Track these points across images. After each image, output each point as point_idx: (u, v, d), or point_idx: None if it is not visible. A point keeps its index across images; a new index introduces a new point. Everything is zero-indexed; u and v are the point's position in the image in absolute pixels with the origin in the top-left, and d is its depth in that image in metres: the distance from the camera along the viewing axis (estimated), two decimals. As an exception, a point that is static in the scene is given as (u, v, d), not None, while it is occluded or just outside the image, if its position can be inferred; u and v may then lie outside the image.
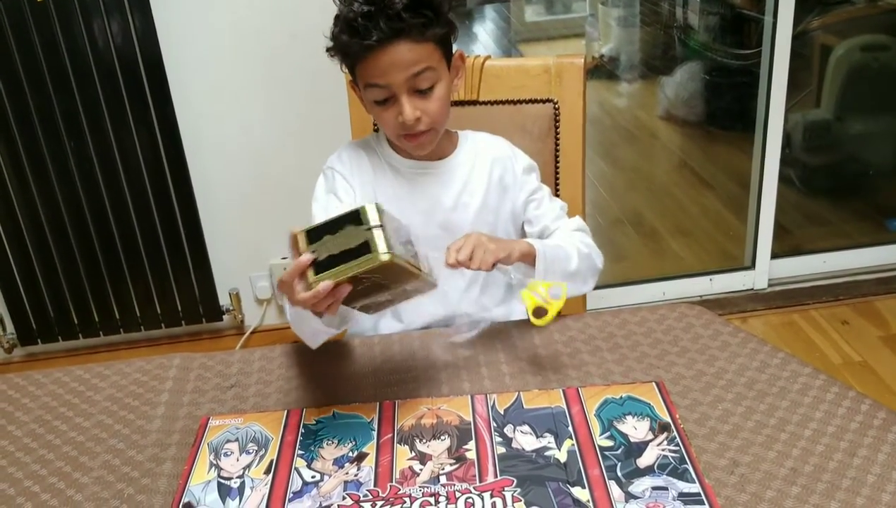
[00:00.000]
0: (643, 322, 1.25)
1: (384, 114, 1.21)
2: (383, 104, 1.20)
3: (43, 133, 2.19)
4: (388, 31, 1.12)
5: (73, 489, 1.00)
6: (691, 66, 3.48)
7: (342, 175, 1.32)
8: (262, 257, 2.49)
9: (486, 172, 1.34)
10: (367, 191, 1.31)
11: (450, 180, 1.32)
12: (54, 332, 2.43)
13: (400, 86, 1.17)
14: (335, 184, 1.32)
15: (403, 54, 1.14)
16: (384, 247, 0.91)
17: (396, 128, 1.22)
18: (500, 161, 1.35)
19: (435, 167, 1.32)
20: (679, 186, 3.30)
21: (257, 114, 2.31)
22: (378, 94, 1.19)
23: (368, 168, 1.32)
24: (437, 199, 1.32)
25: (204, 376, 1.21)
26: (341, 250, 0.92)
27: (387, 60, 1.14)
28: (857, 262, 2.73)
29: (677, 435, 1.00)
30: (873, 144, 3.09)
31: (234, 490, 0.97)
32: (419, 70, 1.16)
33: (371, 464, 0.99)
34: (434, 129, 1.23)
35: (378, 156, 1.33)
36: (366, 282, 0.95)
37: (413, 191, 1.32)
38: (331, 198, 1.31)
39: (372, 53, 1.14)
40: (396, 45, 1.13)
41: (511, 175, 1.35)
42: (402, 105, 1.18)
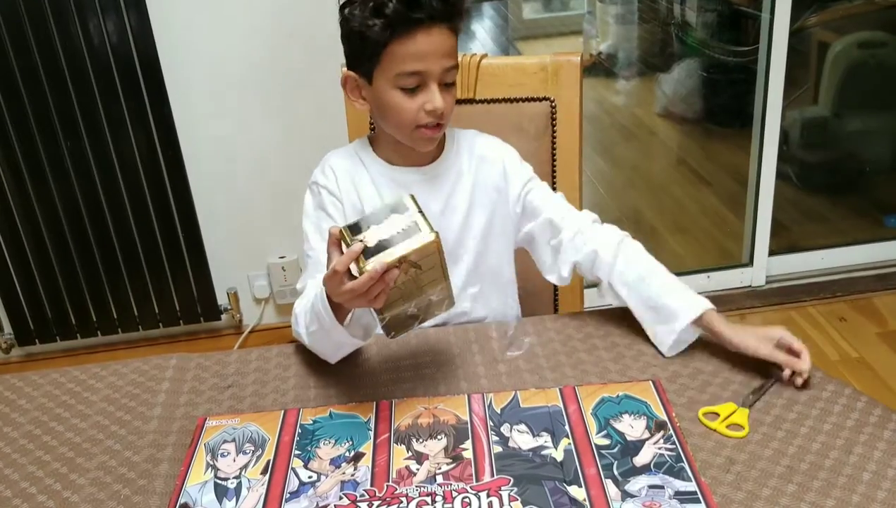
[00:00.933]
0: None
1: (407, 103, 1.18)
2: (410, 92, 1.17)
3: (39, 133, 2.19)
4: (440, 11, 1.13)
5: (70, 490, 1.00)
6: (689, 64, 3.48)
7: (327, 189, 1.29)
8: (260, 256, 2.49)
9: (473, 173, 1.32)
10: (353, 200, 1.29)
11: (438, 184, 1.30)
12: (52, 332, 2.43)
13: (434, 75, 1.16)
14: (322, 199, 1.29)
15: (445, 40, 1.16)
16: (430, 228, 0.97)
17: (417, 119, 1.19)
18: (489, 161, 1.33)
19: (422, 172, 1.30)
20: (677, 184, 3.30)
21: (254, 113, 2.31)
22: (410, 81, 1.16)
23: (354, 178, 1.30)
24: (424, 205, 1.29)
25: (201, 376, 1.20)
26: (389, 235, 0.97)
27: (429, 43, 1.14)
28: (854, 259, 2.74)
29: (673, 434, 1.00)
30: (871, 141, 3.09)
31: (230, 491, 0.97)
32: (452, 65, 1.18)
33: (368, 464, 0.99)
34: (445, 125, 1.23)
35: (363, 164, 1.31)
36: (407, 276, 0.98)
37: None
38: (321, 215, 1.29)
39: (417, 31, 1.13)
40: (439, 28, 1.14)
41: (500, 173, 1.32)
42: (432, 93, 1.17)
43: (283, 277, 2.48)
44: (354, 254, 0.96)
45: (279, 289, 2.50)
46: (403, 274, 0.97)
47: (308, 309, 1.15)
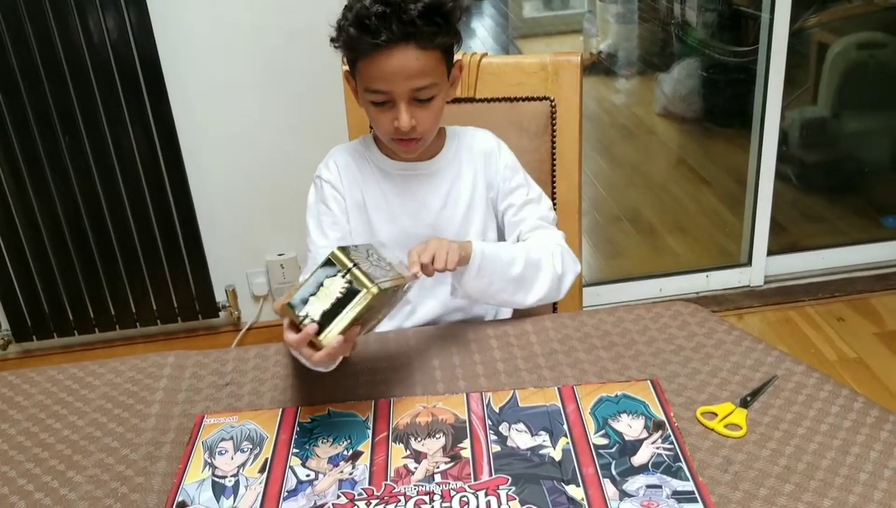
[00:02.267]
0: (639, 320, 1.25)
1: (380, 116, 1.20)
2: (380, 106, 1.19)
3: (38, 129, 2.19)
4: (399, 33, 1.11)
5: (67, 487, 1.00)
6: (689, 63, 3.47)
7: (331, 183, 1.32)
8: (259, 254, 2.49)
9: (472, 169, 1.33)
10: (355, 196, 1.32)
11: (438, 180, 1.32)
12: (49, 329, 2.43)
13: (401, 95, 1.16)
14: (324, 193, 1.32)
15: (409, 61, 1.13)
16: (369, 282, 0.97)
17: (390, 132, 1.21)
18: (484, 155, 1.34)
19: (422, 168, 1.32)
20: (676, 183, 3.30)
21: (254, 111, 2.31)
22: (377, 98, 1.18)
23: (357, 173, 1.32)
24: (425, 200, 1.32)
25: (199, 374, 1.20)
26: (331, 303, 0.97)
27: (393, 64, 1.13)
28: (853, 259, 2.74)
29: (671, 434, 1.00)
30: (870, 142, 3.09)
31: (228, 489, 0.97)
32: (423, 85, 1.16)
33: (366, 463, 0.99)
34: (424, 138, 1.24)
35: (366, 159, 1.33)
36: (364, 315, 0.99)
37: (402, 193, 1.32)
38: (322, 209, 1.32)
39: (378, 53, 1.12)
40: (404, 49, 1.12)
41: (494, 170, 1.34)
42: (399, 112, 1.17)
43: (281, 275, 2.48)
44: (307, 337, 0.97)
45: (278, 287, 2.50)
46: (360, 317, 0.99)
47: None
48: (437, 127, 1.26)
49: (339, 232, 1.31)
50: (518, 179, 1.35)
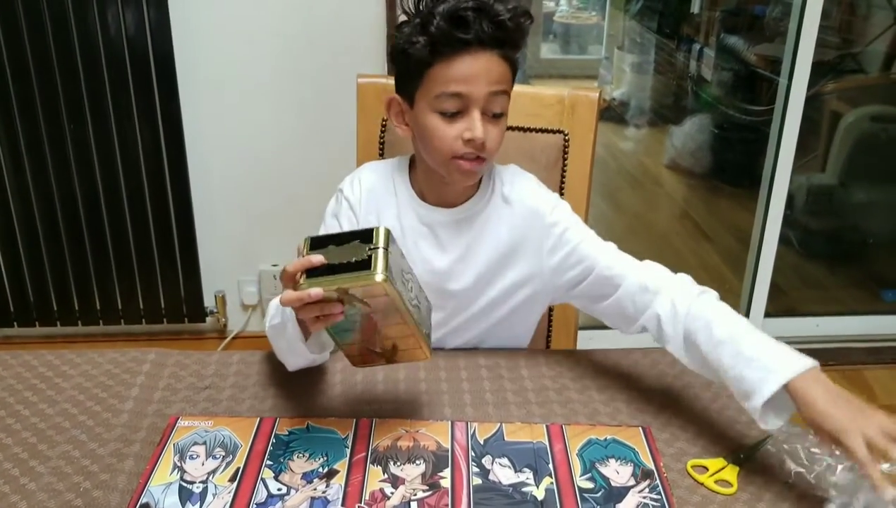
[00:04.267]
0: (635, 364, 1.22)
1: (448, 128, 1.10)
2: (450, 117, 1.10)
3: (44, 115, 2.17)
4: (489, 34, 1.07)
5: (28, 477, 0.95)
6: (701, 118, 3.48)
7: (349, 202, 1.24)
8: (252, 262, 2.45)
9: (511, 226, 1.21)
10: (371, 221, 1.22)
11: (462, 230, 1.21)
12: (32, 317, 2.39)
13: (478, 100, 1.09)
14: (340, 208, 1.25)
15: (493, 65, 1.09)
16: (381, 268, 0.88)
17: (455, 148, 1.10)
18: (529, 215, 1.21)
19: (449, 214, 1.21)
20: (679, 236, 3.28)
21: (263, 117, 2.29)
22: (451, 105, 1.09)
23: (381, 197, 1.23)
24: (444, 247, 1.22)
25: (178, 374, 1.17)
26: (340, 261, 0.90)
27: (476, 66, 1.08)
28: (849, 329, 2.71)
29: (660, 484, 0.97)
30: (875, 214, 3.08)
31: (195, 495, 0.93)
32: (500, 89, 1.10)
33: (341, 482, 0.95)
34: (487, 161, 1.14)
35: (394, 187, 1.23)
36: (356, 308, 0.92)
37: (420, 234, 1.22)
38: (333, 223, 1.25)
39: (463, 53, 1.07)
40: (489, 52, 1.08)
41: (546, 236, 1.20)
42: (473, 120, 1.09)
43: (273, 285, 2.45)
44: (304, 265, 0.90)
45: (268, 297, 2.45)
46: (348, 305, 0.92)
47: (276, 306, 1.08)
48: (497, 154, 1.16)
49: None
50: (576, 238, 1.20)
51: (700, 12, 3.65)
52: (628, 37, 4.17)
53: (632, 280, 1.16)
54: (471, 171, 1.14)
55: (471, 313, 1.25)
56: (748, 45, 3.30)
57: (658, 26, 3.90)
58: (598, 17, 4.74)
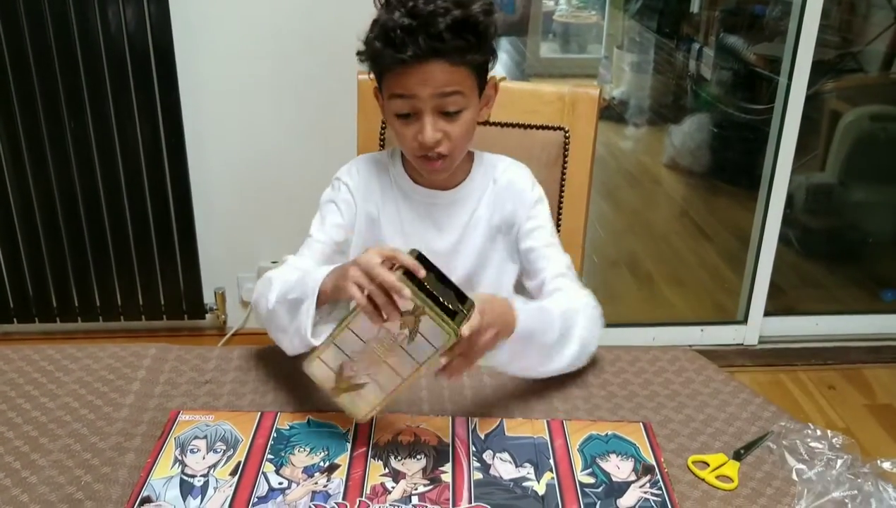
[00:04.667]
0: (635, 361, 1.22)
1: (405, 129, 1.14)
2: (406, 119, 1.13)
3: (44, 110, 2.17)
4: (426, 48, 1.06)
5: (29, 470, 0.95)
6: (700, 118, 3.48)
7: (349, 188, 1.27)
8: (252, 258, 2.45)
9: (495, 204, 1.27)
10: (370, 209, 1.27)
11: (457, 210, 1.26)
12: (31, 313, 2.38)
13: (426, 103, 1.11)
14: (339, 194, 1.27)
15: (436, 74, 1.09)
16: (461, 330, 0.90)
17: (415, 149, 1.15)
18: (513, 192, 1.27)
19: (444, 197, 1.26)
20: (678, 235, 3.28)
21: (263, 115, 2.29)
22: (402, 107, 1.13)
23: (377, 187, 1.27)
24: (441, 229, 1.26)
25: (179, 369, 1.17)
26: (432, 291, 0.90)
27: (418, 77, 1.09)
28: (848, 328, 2.72)
29: (661, 479, 0.97)
30: (874, 213, 3.08)
31: (196, 489, 0.93)
32: (449, 91, 1.11)
33: (342, 477, 0.95)
34: (452, 156, 1.17)
35: (389, 176, 1.27)
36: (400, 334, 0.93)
37: (418, 218, 1.26)
38: (330, 207, 1.27)
39: (403, 67, 1.08)
40: (431, 64, 1.08)
41: (521, 210, 1.27)
42: (424, 124, 1.12)
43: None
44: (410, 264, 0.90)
45: (268, 295, 2.46)
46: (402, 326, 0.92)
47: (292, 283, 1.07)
48: (466, 147, 1.20)
49: (339, 235, 1.26)
50: (542, 219, 1.27)
51: (699, 12, 3.65)
52: (628, 36, 4.17)
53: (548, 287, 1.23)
54: (435, 170, 1.18)
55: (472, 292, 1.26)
56: (748, 45, 3.30)
57: (657, 25, 3.90)
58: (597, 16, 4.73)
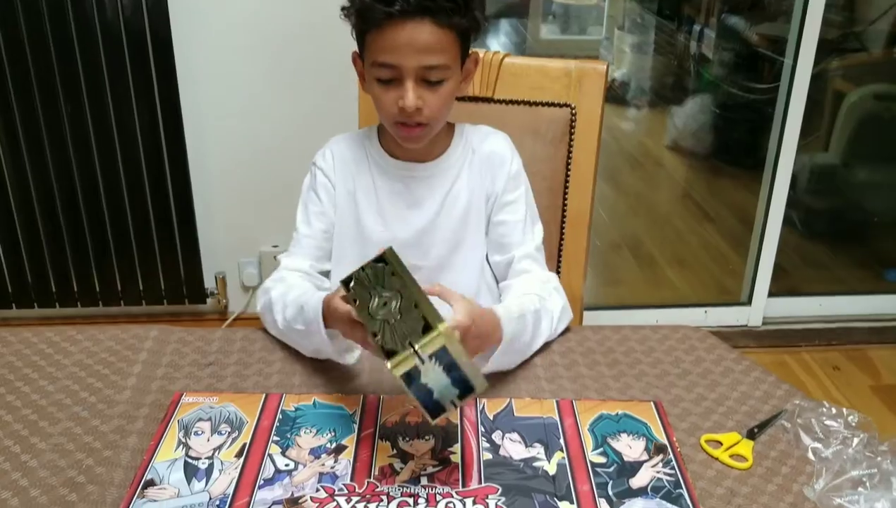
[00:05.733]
0: (644, 340, 1.20)
1: (385, 94, 1.12)
2: (387, 84, 1.11)
3: (40, 96, 2.13)
4: (415, 4, 1.04)
5: (29, 454, 0.94)
6: (702, 99, 3.45)
7: (323, 172, 1.26)
8: (253, 243, 2.43)
9: (473, 173, 1.25)
10: (348, 186, 1.25)
11: (436, 184, 1.24)
12: (31, 298, 2.36)
13: (409, 71, 1.09)
14: (316, 181, 1.27)
15: (423, 35, 1.07)
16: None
17: (394, 114, 1.13)
18: (491, 160, 1.25)
19: (422, 170, 1.24)
20: (680, 217, 3.26)
21: (262, 99, 2.26)
22: (384, 73, 1.10)
23: (352, 164, 1.26)
24: (419, 204, 1.24)
25: (181, 351, 1.15)
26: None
27: (404, 37, 1.06)
28: (852, 309, 2.70)
29: (673, 458, 0.95)
30: (878, 193, 3.06)
31: (201, 472, 0.91)
32: (433, 64, 1.09)
33: (349, 458, 0.94)
34: (430, 126, 1.16)
35: (365, 152, 1.26)
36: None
37: (395, 193, 1.24)
38: (311, 196, 1.27)
39: (390, 24, 1.06)
40: (419, 22, 1.06)
41: (498, 179, 1.25)
42: (406, 90, 1.09)
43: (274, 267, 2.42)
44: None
45: (269, 279, 2.44)
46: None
47: (293, 307, 1.12)
48: (444, 117, 1.18)
49: (324, 223, 1.26)
50: (519, 194, 1.26)
51: (701, -8, 3.62)
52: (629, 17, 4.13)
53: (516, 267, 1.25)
54: (411, 137, 1.17)
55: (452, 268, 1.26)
56: (750, 25, 3.26)
57: (658, 6, 3.86)
58: (597, -3, 4.69)
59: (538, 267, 1.26)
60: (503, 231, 1.26)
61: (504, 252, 1.26)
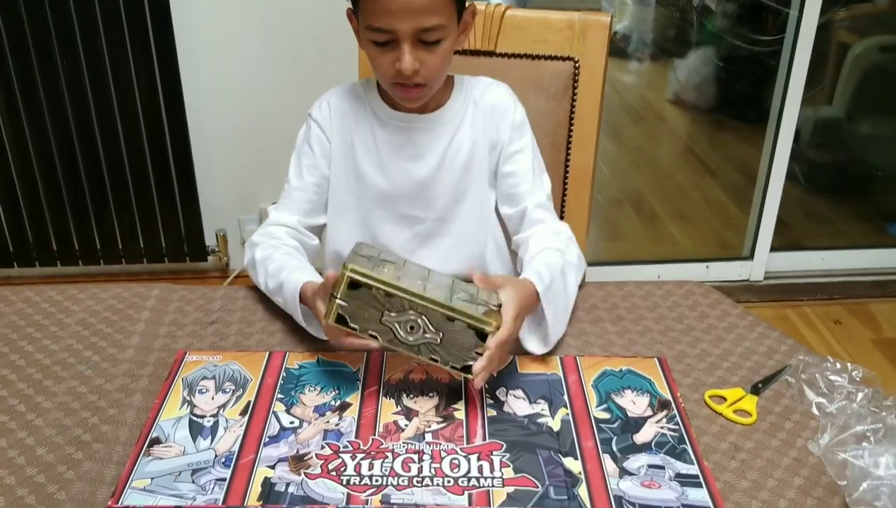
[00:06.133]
0: (648, 296, 1.20)
1: (381, 57, 1.10)
2: (382, 46, 1.09)
3: (35, 52, 2.10)
4: None
5: (34, 413, 0.94)
6: (705, 51, 3.40)
7: (318, 124, 1.24)
8: (253, 200, 2.41)
9: (475, 124, 1.23)
10: (345, 139, 1.23)
11: (436, 135, 1.22)
12: (32, 257, 2.36)
13: (405, 34, 1.06)
14: (311, 133, 1.25)
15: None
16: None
17: (391, 76, 1.11)
18: (493, 110, 1.23)
19: (423, 121, 1.22)
20: (682, 171, 3.24)
21: (261, 52, 2.23)
22: (379, 37, 1.08)
23: (350, 117, 1.23)
24: (420, 156, 1.22)
25: (184, 309, 1.14)
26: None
27: (398, 0, 1.04)
28: (854, 263, 2.70)
29: (677, 414, 0.95)
30: (883, 147, 3.03)
31: (206, 429, 0.91)
32: (429, 26, 1.06)
33: (354, 415, 0.94)
34: (429, 85, 1.13)
35: (364, 104, 1.23)
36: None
37: (396, 145, 1.22)
38: (305, 149, 1.25)
39: None
40: None
41: (502, 128, 1.23)
42: (402, 53, 1.07)
43: (274, 224, 2.41)
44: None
45: (269, 237, 2.43)
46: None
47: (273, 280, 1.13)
48: (444, 75, 1.16)
49: (315, 176, 1.24)
50: (524, 143, 1.24)
51: (705, -60, 3.55)
52: (631, -32, 4.06)
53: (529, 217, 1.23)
54: (410, 97, 1.15)
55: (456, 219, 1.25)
56: (754, -25, 3.21)
57: (661, -43, 3.80)
58: (599, -53, 4.61)
59: (551, 218, 1.24)
60: (512, 182, 1.24)
61: (515, 203, 1.24)
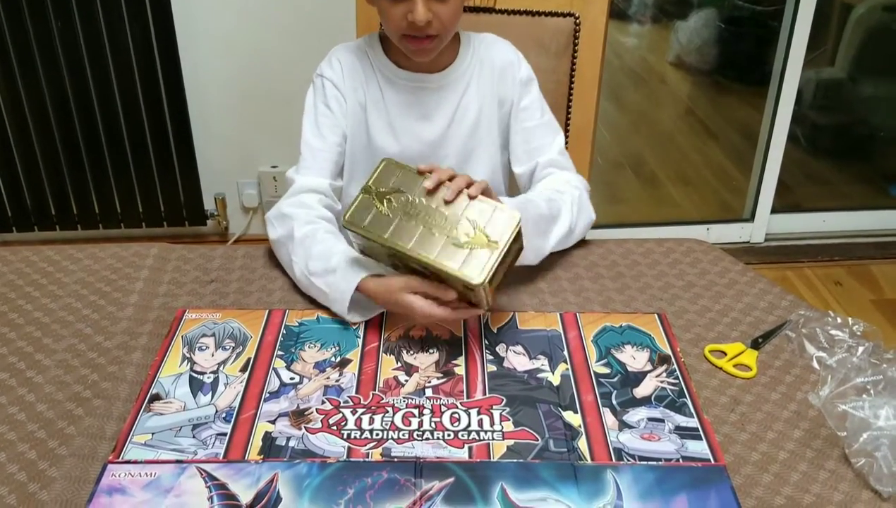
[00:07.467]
0: (648, 253, 1.20)
1: (392, 9, 1.09)
2: None
3: (29, 12, 2.08)
4: None
5: (34, 370, 0.94)
6: (707, 13, 3.37)
7: (332, 82, 1.21)
8: (252, 163, 2.40)
9: (483, 82, 1.23)
10: (358, 98, 1.21)
11: (445, 94, 1.22)
12: (30, 221, 2.35)
13: None
14: (326, 93, 1.21)
15: None
16: None
17: (402, 28, 1.10)
18: (500, 68, 1.23)
19: (432, 81, 1.21)
20: (683, 134, 3.22)
21: (258, 10, 2.20)
22: None
23: (360, 75, 1.21)
24: (428, 115, 1.22)
25: (182, 268, 1.14)
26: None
27: None
28: (855, 225, 2.69)
29: (677, 368, 0.95)
30: (884, 108, 3.01)
31: (206, 385, 0.91)
32: None
33: (354, 371, 0.94)
34: (440, 36, 1.12)
35: (371, 63, 1.22)
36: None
37: (404, 104, 1.21)
38: (321, 109, 1.21)
39: None
40: None
41: (509, 85, 1.23)
42: (415, 4, 1.06)
43: (273, 187, 2.40)
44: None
45: (269, 200, 2.42)
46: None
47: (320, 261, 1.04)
48: (455, 27, 1.15)
49: (337, 135, 1.21)
50: (533, 98, 1.25)
51: None
52: (631, -72, 4.00)
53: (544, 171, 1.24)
54: (421, 50, 1.13)
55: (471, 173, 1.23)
56: (757, -67, 3.17)
57: (662, -85, 3.74)
58: None
59: (560, 171, 1.24)
60: (524, 137, 1.24)
61: (529, 159, 1.25)
